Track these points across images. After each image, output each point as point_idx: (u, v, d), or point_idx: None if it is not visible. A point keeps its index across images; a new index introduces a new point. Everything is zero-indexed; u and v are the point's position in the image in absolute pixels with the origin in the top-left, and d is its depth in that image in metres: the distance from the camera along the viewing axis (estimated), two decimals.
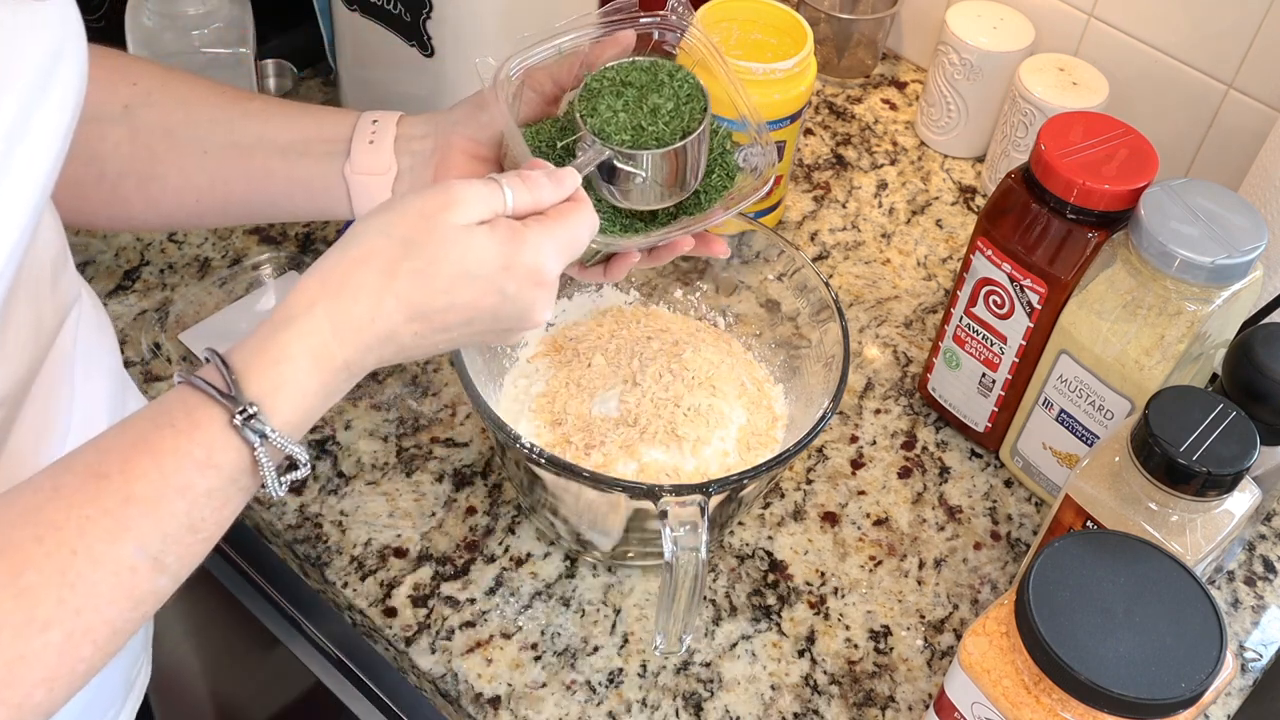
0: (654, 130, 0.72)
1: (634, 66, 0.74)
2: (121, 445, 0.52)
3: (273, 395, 0.54)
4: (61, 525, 0.49)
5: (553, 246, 0.63)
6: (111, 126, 0.71)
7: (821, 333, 0.83)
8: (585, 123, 0.71)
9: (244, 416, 0.53)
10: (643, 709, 0.78)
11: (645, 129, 0.72)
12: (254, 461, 0.54)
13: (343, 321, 0.57)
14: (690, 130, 0.72)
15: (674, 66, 0.74)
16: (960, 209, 1.13)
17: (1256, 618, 0.86)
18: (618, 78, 0.73)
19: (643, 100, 0.72)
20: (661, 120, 0.72)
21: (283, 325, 0.56)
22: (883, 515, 0.89)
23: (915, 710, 0.79)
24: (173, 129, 0.73)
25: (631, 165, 0.71)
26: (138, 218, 0.75)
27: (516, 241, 0.61)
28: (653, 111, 0.72)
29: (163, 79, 0.73)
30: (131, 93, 0.72)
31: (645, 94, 0.73)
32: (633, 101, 0.72)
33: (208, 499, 0.53)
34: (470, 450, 0.90)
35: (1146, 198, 0.77)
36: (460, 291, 0.60)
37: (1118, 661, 0.60)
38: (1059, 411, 0.85)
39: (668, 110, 0.72)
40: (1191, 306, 0.77)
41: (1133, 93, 1.10)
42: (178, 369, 0.55)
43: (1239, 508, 0.73)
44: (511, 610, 0.81)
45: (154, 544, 0.51)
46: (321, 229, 1.03)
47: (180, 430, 0.53)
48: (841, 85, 1.24)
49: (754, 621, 0.83)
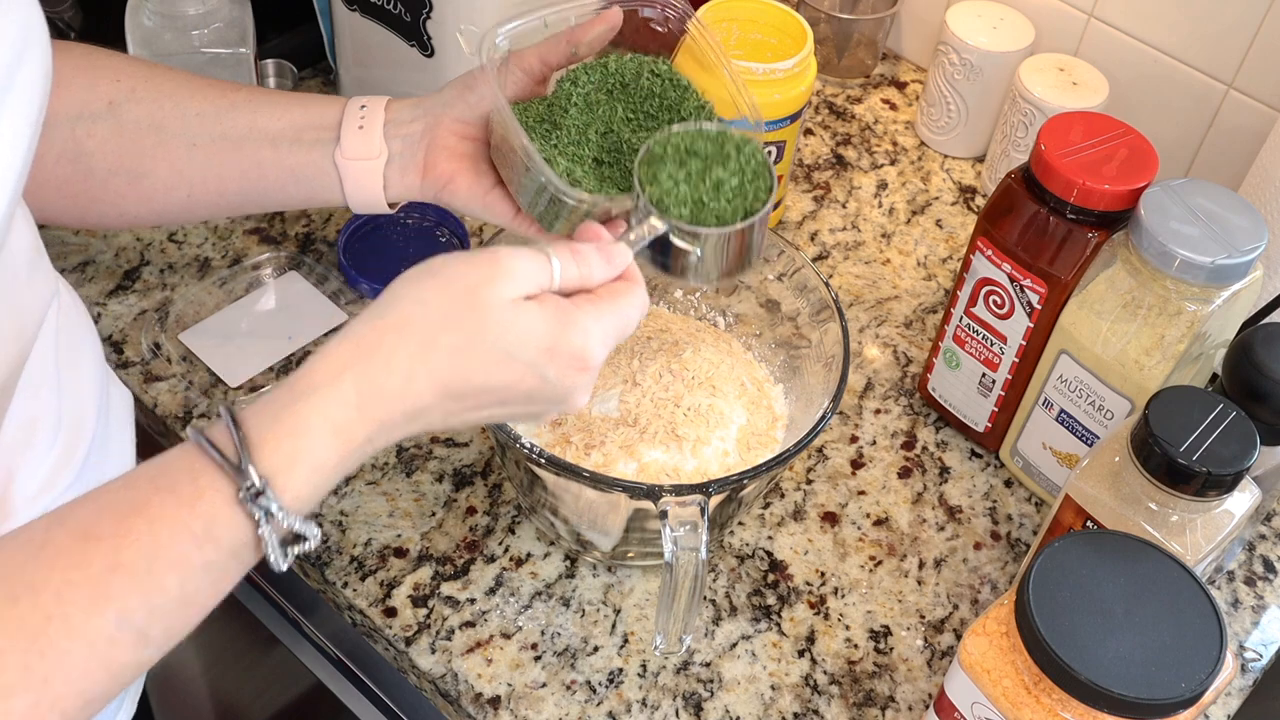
0: (715, 207, 0.67)
1: (701, 135, 0.69)
2: (118, 505, 0.49)
3: (286, 470, 0.51)
4: (40, 588, 0.46)
5: (601, 331, 0.59)
6: (97, 124, 0.71)
7: (821, 333, 0.83)
8: (644, 190, 0.67)
9: (251, 493, 0.50)
10: (643, 709, 0.78)
11: (706, 204, 0.67)
12: (257, 537, 0.51)
13: (371, 394, 0.53)
14: (753, 211, 0.68)
15: (743, 139, 0.70)
16: (960, 209, 1.13)
17: (1256, 618, 0.86)
18: (683, 145, 0.68)
19: (707, 173, 0.68)
20: (724, 197, 0.68)
21: (305, 394, 0.52)
22: (883, 515, 0.89)
23: (915, 710, 0.79)
24: (160, 124, 0.72)
25: (687, 242, 0.67)
26: (130, 214, 0.75)
27: (563, 323, 0.57)
28: (716, 186, 0.68)
29: (147, 74, 0.73)
30: (115, 89, 0.71)
31: (710, 166, 0.68)
32: (696, 173, 0.68)
33: (204, 572, 0.50)
34: (470, 450, 0.90)
35: (1146, 198, 0.77)
36: (498, 373, 0.56)
37: (1118, 661, 0.60)
38: (1059, 411, 0.85)
39: (732, 186, 0.68)
40: (1191, 306, 0.77)
41: (1133, 93, 1.10)
42: (190, 430, 0.53)
43: (1239, 508, 0.73)
44: (511, 610, 0.81)
45: (139, 616, 0.48)
46: (321, 229, 1.03)
47: (181, 497, 0.50)
48: (841, 85, 1.24)
49: (754, 621, 0.83)
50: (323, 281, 0.99)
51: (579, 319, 0.58)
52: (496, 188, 0.74)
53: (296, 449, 0.51)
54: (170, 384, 0.91)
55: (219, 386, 0.91)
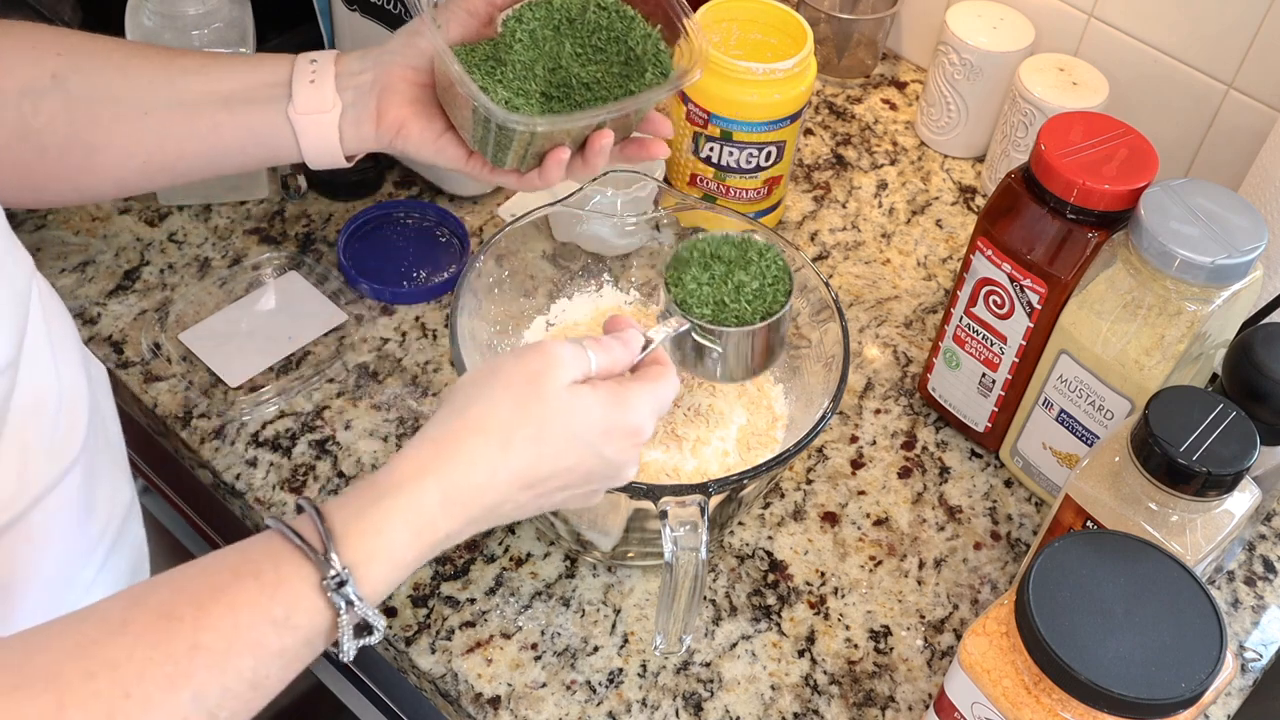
0: (736, 308, 0.73)
1: (726, 240, 0.75)
2: (199, 588, 0.50)
3: (366, 563, 0.53)
4: (120, 665, 0.47)
5: (650, 407, 0.64)
6: (43, 100, 0.70)
7: (821, 333, 0.83)
8: (669, 291, 0.73)
9: (335, 581, 0.51)
10: (643, 709, 0.78)
11: (727, 305, 0.73)
12: (334, 625, 0.52)
13: (454, 493, 0.56)
14: (772, 312, 0.74)
15: (765, 245, 0.76)
16: (960, 209, 1.13)
17: (1256, 618, 0.86)
18: (708, 250, 0.75)
19: (729, 276, 0.74)
20: (745, 299, 0.74)
21: (389, 492, 0.55)
22: (883, 515, 0.89)
23: (915, 710, 0.79)
24: (110, 94, 0.71)
25: (709, 340, 0.73)
26: (88, 189, 0.74)
27: (619, 402, 0.62)
28: (737, 289, 0.74)
29: (90, 46, 0.72)
30: (58, 63, 0.70)
31: (732, 270, 0.74)
32: (719, 277, 0.74)
33: (278, 657, 0.51)
34: None
35: (1146, 198, 0.77)
36: (565, 456, 0.60)
37: (1118, 661, 0.60)
38: (1059, 411, 0.85)
39: (752, 289, 0.74)
40: (1191, 306, 0.77)
41: (1133, 93, 1.10)
42: (270, 519, 0.54)
43: (1239, 508, 0.73)
44: (511, 610, 0.81)
45: (212, 696, 0.49)
46: (322, 229, 1.03)
47: (265, 583, 0.51)
48: (841, 85, 1.24)
49: (754, 621, 0.83)
50: (323, 281, 0.99)
51: (630, 398, 0.62)
52: (448, 132, 0.74)
53: (378, 545, 0.54)
54: (170, 384, 0.91)
55: (219, 386, 0.91)
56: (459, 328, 0.77)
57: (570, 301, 0.90)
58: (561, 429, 0.59)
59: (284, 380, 0.92)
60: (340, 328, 0.96)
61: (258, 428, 0.89)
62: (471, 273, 0.81)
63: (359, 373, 0.93)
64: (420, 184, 1.07)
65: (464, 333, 0.78)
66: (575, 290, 0.90)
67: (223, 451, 0.88)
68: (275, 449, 0.88)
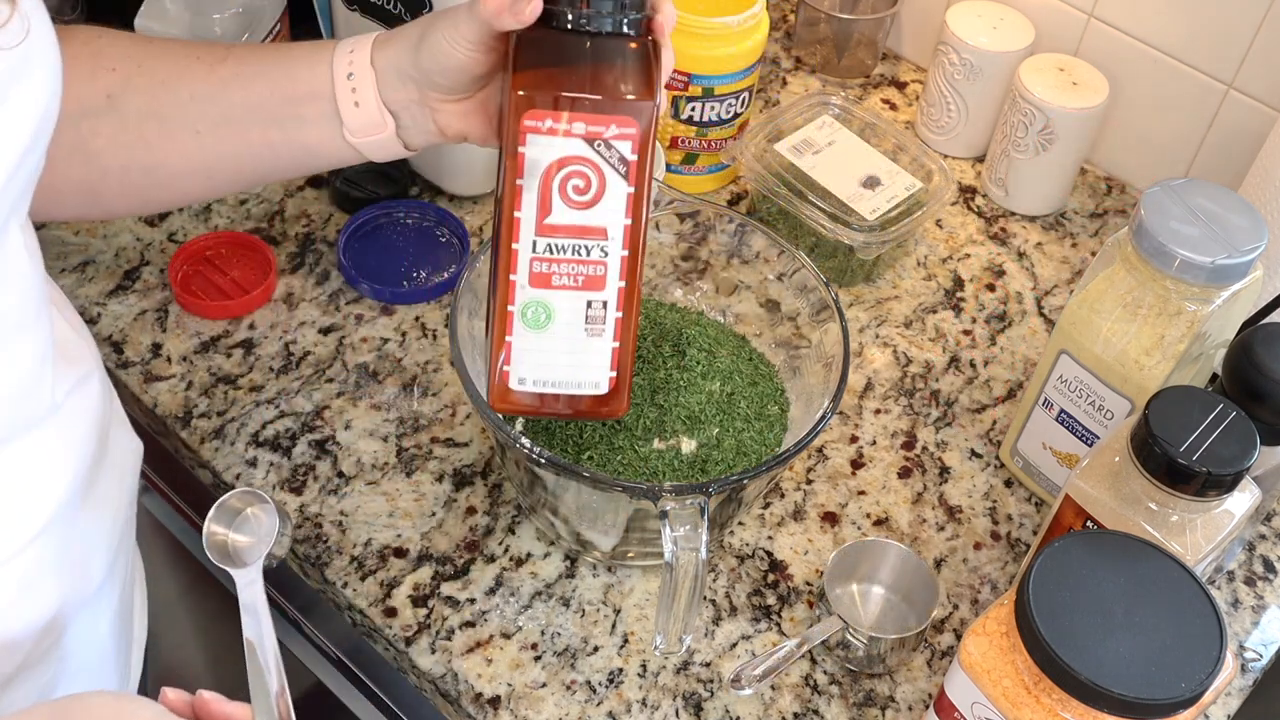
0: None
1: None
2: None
3: None
4: None
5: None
6: (100, 121, 0.70)
7: (821, 333, 0.83)
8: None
9: None
10: (643, 709, 0.78)
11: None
12: None
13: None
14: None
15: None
16: (960, 209, 1.13)
17: (1256, 618, 0.86)
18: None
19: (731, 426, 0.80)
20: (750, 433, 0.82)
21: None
22: (883, 515, 0.89)
23: (915, 710, 0.79)
24: (160, 113, 0.71)
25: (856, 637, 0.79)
26: (154, 201, 0.74)
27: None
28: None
29: (139, 59, 0.71)
30: (111, 80, 0.70)
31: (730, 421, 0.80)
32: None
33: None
34: (470, 450, 0.90)
35: (1146, 198, 0.77)
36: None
37: (1118, 661, 0.60)
38: (1059, 411, 0.85)
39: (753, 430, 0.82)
40: (1191, 306, 0.77)
41: (1133, 93, 1.10)
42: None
43: (1239, 508, 0.73)
44: (511, 610, 0.81)
45: None
46: (322, 229, 1.03)
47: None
48: (841, 85, 1.24)
49: (754, 621, 0.83)
50: (323, 281, 0.99)
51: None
52: None
53: None
54: (170, 384, 0.91)
55: (219, 386, 0.91)
56: (459, 328, 0.77)
57: None
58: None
59: (284, 380, 0.92)
60: (340, 327, 0.96)
61: (258, 428, 0.89)
62: (471, 272, 0.80)
63: (359, 373, 0.93)
64: (420, 184, 1.07)
65: (464, 333, 0.78)
66: None
67: (223, 451, 0.88)
68: (275, 449, 0.88)
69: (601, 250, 0.65)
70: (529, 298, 0.65)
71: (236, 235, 1.00)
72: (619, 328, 0.67)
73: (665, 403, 0.80)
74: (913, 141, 1.07)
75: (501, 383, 0.68)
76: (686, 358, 0.82)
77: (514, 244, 0.65)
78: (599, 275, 0.65)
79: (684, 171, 1.09)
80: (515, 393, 0.68)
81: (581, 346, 0.67)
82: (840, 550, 0.82)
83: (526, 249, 0.65)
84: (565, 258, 0.65)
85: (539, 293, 0.65)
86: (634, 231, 0.65)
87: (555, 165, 0.63)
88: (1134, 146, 1.14)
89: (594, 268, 0.65)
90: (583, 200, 0.64)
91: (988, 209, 1.13)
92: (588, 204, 0.64)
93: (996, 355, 1.01)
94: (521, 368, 0.67)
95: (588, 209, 0.64)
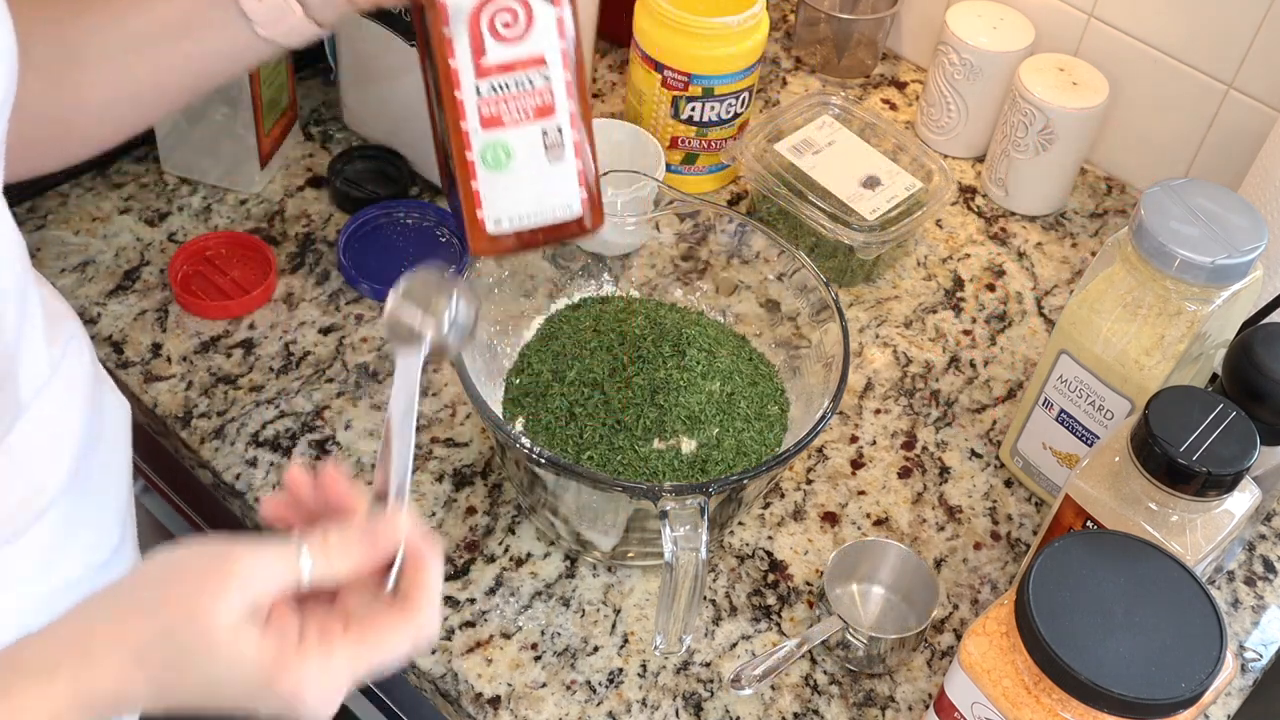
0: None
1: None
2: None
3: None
4: None
5: (327, 681, 0.52)
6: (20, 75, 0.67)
7: (821, 333, 0.83)
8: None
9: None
10: (643, 709, 0.78)
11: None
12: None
13: (85, 693, 0.51)
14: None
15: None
16: (960, 209, 1.13)
17: (1256, 618, 0.86)
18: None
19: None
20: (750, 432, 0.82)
21: (21, 677, 0.50)
22: (883, 515, 0.89)
23: (915, 710, 0.79)
24: (68, 53, 0.69)
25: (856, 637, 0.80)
26: (95, 139, 0.73)
27: (277, 667, 0.51)
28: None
29: (35, 4, 0.69)
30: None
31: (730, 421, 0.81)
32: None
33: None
34: (470, 450, 0.90)
35: (1146, 198, 0.77)
36: (207, 696, 0.53)
37: (1118, 661, 0.60)
38: (1059, 411, 0.85)
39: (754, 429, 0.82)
40: (1191, 306, 0.77)
41: (1133, 93, 1.10)
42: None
43: (1239, 508, 0.73)
44: (511, 610, 0.81)
45: None
46: (322, 229, 1.03)
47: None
48: (841, 85, 1.24)
49: (754, 621, 0.83)
50: (323, 281, 0.99)
51: (295, 666, 0.51)
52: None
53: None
54: (170, 384, 0.91)
55: (219, 386, 0.91)
56: None
57: (571, 300, 0.90)
58: (203, 673, 0.51)
59: (284, 380, 0.92)
60: (340, 327, 0.96)
61: (258, 428, 0.89)
62: (471, 273, 0.81)
63: (359, 373, 0.93)
64: (420, 184, 1.07)
65: None
66: (575, 290, 0.90)
67: (223, 451, 0.88)
68: (275, 449, 0.88)
69: (544, 78, 0.65)
70: (485, 141, 0.66)
71: (236, 235, 1.00)
72: (578, 148, 0.67)
73: (665, 403, 0.80)
74: (913, 141, 1.07)
75: (479, 230, 0.68)
76: (686, 358, 0.82)
77: (456, 93, 0.64)
78: (547, 103, 0.65)
79: (684, 171, 1.09)
80: (494, 236, 0.68)
81: (546, 174, 0.67)
82: (840, 550, 0.82)
83: (470, 94, 0.65)
84: (510, 94, 0.65)
85: (493, 133, 0.65)
86: (570, 52, 0.65)
87: (479, 5, 0.63)
88: (1134, 146, 1.14)
89: (540, 96, 0.65)
90: (514, 34, 0.64)
91: (988, 209, 1.13)
92: (519, 36, 0.64)
93: (996, 355, 1.01)
94: (494, 210, 0.67)
95: (520, 41, 0.64)
